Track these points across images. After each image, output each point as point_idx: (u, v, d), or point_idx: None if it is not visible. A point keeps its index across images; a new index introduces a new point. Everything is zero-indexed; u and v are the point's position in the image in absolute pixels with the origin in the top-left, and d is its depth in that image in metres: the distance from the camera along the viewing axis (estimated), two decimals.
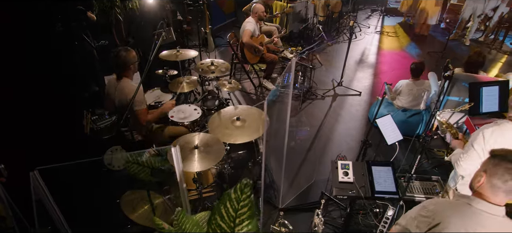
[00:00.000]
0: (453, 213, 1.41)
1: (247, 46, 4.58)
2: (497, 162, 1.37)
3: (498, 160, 1.37)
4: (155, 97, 3.72)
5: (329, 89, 5.11)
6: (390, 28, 7.59)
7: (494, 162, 1.39)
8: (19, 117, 3.35)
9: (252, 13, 4.72)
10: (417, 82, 3.96)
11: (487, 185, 1.39)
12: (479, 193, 1.42)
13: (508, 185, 1.33)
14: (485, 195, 1.39)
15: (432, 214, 1.43)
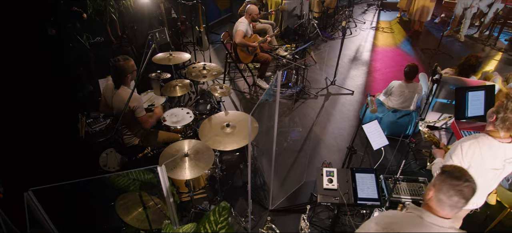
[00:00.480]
0: (407, 225, 1.52)
1: (240, 46, 4.61)
2: (443, 178, 1.49)
3: (445, 176, 1.49)
4: (148, 100, 3.79)
5: (322, 88, 5.17)
6: (385, 24, 7.59)
7: (441, 178, 1.51)
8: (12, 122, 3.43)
9: (246, 14, 4.74)
10: (410, 84, 4.02)
11: (435, 199, 1.51)
12: (429, 206, 1.54)
13: (452, 200, 1.45)
14: (434, 208, 1.52)
15: (389, 225, 1.53)
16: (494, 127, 2.05)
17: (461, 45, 6.68)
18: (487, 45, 6.62)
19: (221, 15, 7.25)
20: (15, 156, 3.20)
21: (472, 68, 3.86)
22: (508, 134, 2.05)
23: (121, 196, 2.91)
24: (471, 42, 6.82)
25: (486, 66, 5.93)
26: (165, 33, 4.71)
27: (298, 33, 6.44)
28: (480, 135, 2.12)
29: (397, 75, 5.55)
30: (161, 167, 1.68)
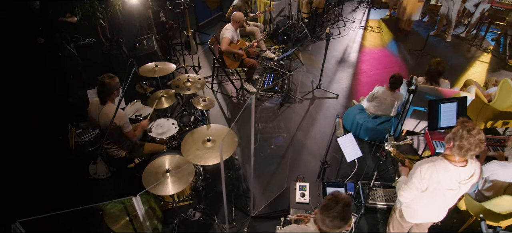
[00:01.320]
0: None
1: (226, 53, 4.71)
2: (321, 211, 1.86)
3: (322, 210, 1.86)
4: (135, 110, 3.91)
5: (307, 91, 5.29)
6: (374, 23, 7.65)
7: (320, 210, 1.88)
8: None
9: (232, 20, 4.82)
10: (393, 93, 4.16)
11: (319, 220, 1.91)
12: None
13: None
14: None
15: None
16: (451, 152, 2.21)
17: (448, 45, 6.79)
18: (473, 45, 6.73)
19: (212, 14, 7.29)
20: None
21: (438, 73, 3.98)
22: (463, 159, 2.21)
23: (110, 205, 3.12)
24: (458, 41, 6.92)
25: (471, 67, 6.07)
26: (153, 40, 4.79)
27: (287, 34, 6.51)
28: (437, 159, 2.28)
29: (383, 77, 5.68)
30: (136, 197, 1.83)
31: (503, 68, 6.03)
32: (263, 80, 5.41)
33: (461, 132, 2.11)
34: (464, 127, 2.12)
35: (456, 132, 2.15)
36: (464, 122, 2.14)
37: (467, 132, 2.08)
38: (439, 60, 4.01)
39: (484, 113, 4.30)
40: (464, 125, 2.12)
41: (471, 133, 2.08)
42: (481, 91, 4.45)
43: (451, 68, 6.03)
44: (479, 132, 2.10)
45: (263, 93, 5.22)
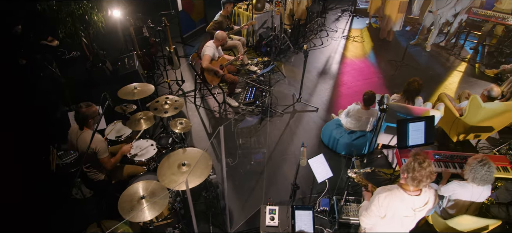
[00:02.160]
0: None
1: (206, 70, 4.81)
2: None
3: None
4: (116, 131, 4.00)
5: (288, 105, 5.41)
6: (357, 32, 7.78)
7: None
8: None
9: (215, 39, 4.92)
10: (367, 110, 4.29)
11: None
12: None
13: None
14: None
15: None
16: (406, 182, 2.35)
17: (427, 55, 6.96)
18: (452, 55, 6.91)
19: (196, 26, 7.36)
20: None
21: (415, 92, 4.14)
22: (417, 188, 2.35)
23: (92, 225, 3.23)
24: (437, 51, 7.09)
25: (449, 77, 6.24)
26: (134, 58, 4.87)
27: (270, 45, 6.62)
28: (394, 188, 2.42)
29: (362, 89, 5.77)
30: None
31: (479, 78, 6.21)
32: (245, 94, 5.52)
33: (413, 165, 2.25)
34: (416, 159, 2.25)
35: (408, 165, 2.28)
36: (416, 155, 2.28)
37: (419, 165, 2.22)
38: (418, 79, 4.14)
39: (456, 127, 4.46)
40: (416, 157, 2.26)
41: (422, 165, 2.22)
42: (454, 105, 4.61)
43: (430, 78, 6.21)
44: (429, 164, 2.24)
45: (245, 107, 5.33)
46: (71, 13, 4.87)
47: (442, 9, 6.38)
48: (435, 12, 6.46)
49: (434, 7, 6.45)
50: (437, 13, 6.44)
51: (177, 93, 5.69)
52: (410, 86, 4.15)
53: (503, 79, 6.01)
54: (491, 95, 4.13)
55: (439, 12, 6.41)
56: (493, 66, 6.46)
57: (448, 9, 6.43)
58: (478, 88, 5.93)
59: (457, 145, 4.71)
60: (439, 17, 6.50)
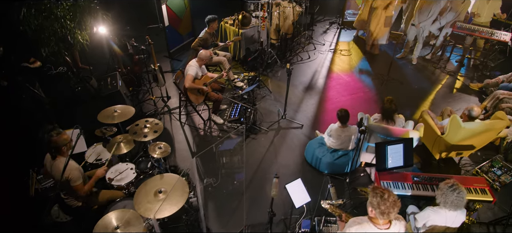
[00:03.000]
0: None
1: (189, 89, 4.81)
2: None
3: None
4: (96, 154, 3.98)
5: (273, 121, 5.42)
6: (344, 45, 7.82)
7: None
8: None
9: (198, 58, 4.92)
10: (345, 128, 4.31)
11: None
12: None
13: None
14: None
15: None
16: (375, 216, 2.36)
17: (413, 68, 7.01)
18: (438, 68, 6.96)
19: (183, 40, 7.36)
20: None
21: (391, 111, 4.16)
22: (387, 220, 2.36)
23: None
24: (423, 64, 7.15)
25: (434, 91, 6.28)
26: (117, 78, 4.86)
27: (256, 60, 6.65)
28: (364, 221, 2.43)
29: (347, 104, 5.85)
30: None
31: (464, 92, 6.26)
32: (230, 111, 5.52)
33: (376, 200, 2.27)
34: (376, 194, 2.27)
35: (372, 201, 2.30)
36: (375, 189, 2.30)
37: (381, 198, 2.24)
38: (391, 99, 4.18)
39: (438, 145, 4.48)
40: (375, 192, 2.28)
41: (384, 198, 2.25)
42: (436, 123, 4.64)
43: (415, 92, 6.25)
44: (390, 194, 2.27)
45: (230, 124, 5.33)
46: (54, 32, 4.85)
47: (424, 23, 6.47)
48: (417, 26, 6.54)
49: (416, 21, 6.53)
50: (419, 27, 6.52)
51: (163, 109, 5.68)
52: (384, 106, 4.18)
53: (487, 93, 6.08)
54: (472, 114, 4.15)
55: (421, 25, 6.49)
56: (478, 79, 6.53)
57: (429, 23, 6.51)
58: (463, 102, 5.98)
59: (440, 162, 4.74)
60: (422, 30, 6.58)
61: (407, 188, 3.62)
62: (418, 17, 6.50)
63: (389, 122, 4.25)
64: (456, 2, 6.54)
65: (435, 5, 6.25)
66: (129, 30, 7.98)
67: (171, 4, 6.63)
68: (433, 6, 6.26)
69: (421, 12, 6.44)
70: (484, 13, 6.42)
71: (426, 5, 6.34)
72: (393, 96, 5.88)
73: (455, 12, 6.58)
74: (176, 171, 4.46)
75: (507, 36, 6.06)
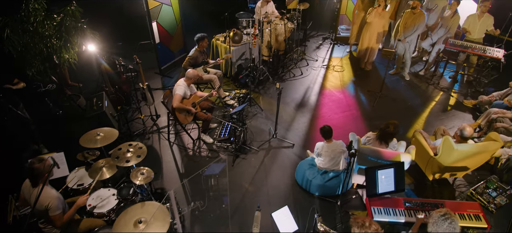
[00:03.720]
0: None
1: (178, 110, 4.71)
2: None
3: None
4: (78, 179, 3.84)
5: (264, 140, 5.31)
6: (337, 61, 7.77)
7: None
8: None
9: (185, 77, 4.84)
10: (330, 143, 4.21)
11: None
12: None
13: None
14: None
15: None
16: None
17: (406, 84, 6.95)
18: (431, 84, 6.91)
19: (175, 57, 7.30)
20: None
21: (390, 135, 4.08)
22: None
23: None
24: (417, 80, 7.10)
25: (427, 108, 6.21)
26: (103, 98, 4.77)
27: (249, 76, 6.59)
28: None
29: (339, 122, 5.76)
30: None
31: (458, 109, 6.19)
32: (220, 130, 5.42)
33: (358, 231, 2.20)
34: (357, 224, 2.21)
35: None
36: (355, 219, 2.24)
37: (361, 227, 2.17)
38: (396, 124, 4.07)
39: (431, 166, 4.38)
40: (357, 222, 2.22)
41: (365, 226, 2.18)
42: (428, 143, 4.55)
43: (408, 110, 6.18)
44: (371, 222, 2.21)
45: (219, 143, 5.21)
46: (40, 52, 4.77)
47: (410, 37, 6.44)
48: (403, 40, 6.50)
49: (402, 36, 6.50)
50: (406, 41, 6.48)
51: (151, 129, 5.57)
52: (385, 130, 4.08)
53: (481, 110, 6.01)
54: (464, 135, 4.07)
55: (407, 40, 6.46)
56: (472, 96, 6.46)
57: (415, 37, 6.49)
58: (456, 120, 5.90)
59: (434, 183, 4.63)
60: (408, 45, 6.54)
61: (399, 215, 3.50)
62: (403, 32, 6.48)
63: (382, 143, 4.16)
64: (446, 17, 6.55)
65: (419, 20, 6.24)
66: (121, 46, 8.01)
67: (162, 21, 6.59)
68: (417, 22, 6.26)
69: (406, 27, 6.43)
70: (476, 30, 6.39)
71: (410, 20, 6.33)
72: (386, 113, 5.99)
73: (445, 27, 6.57)
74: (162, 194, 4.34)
75: (499, 53, 6.02)
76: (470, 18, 6.48)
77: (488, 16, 6.28)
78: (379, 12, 6.54)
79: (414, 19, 6.31)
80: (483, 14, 6.27)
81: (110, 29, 7.68)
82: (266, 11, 6.65)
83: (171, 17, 6.81)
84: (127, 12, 7.41)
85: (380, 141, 4.17)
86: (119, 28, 7.86)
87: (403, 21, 6.51)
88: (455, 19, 6.45)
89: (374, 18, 6.60)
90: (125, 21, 7.65)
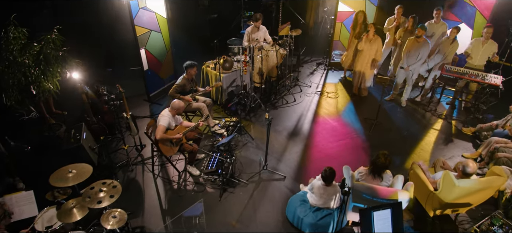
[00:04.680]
0: None
1: (161, 141, 4.45)
2: None
3: None
4: (48, 220, 3.52)
5: (254, 172, 5.02)
6: (331, 87, 7.57)
7: None
8: None
9: (170, 107, 4.62)
10: (329, 187, 3.92)
11: None
12: None
13: None
14: None
15: None
16: None
17: (402, 111, 6.73)
18: (428, 111, 6.70)
19: (164, 83, 7.11)
20: None
21: (383, 167, 3.81)
22: None
23: None
24: (413, 107, 6.88)
25: (425, 136, 5.96)
26: (82, 130, 4.51)
27: (241, 103, 6.38)
28: None
29: (334, 152, 5.50)
30: None
31: (457, 137, 5.95)
32: (208, 161, 5.13)
33: None
34: None
35: None
36: None
37: None
38: (387, 154, 3.82)
39: (432, 201, 4.08)
40: None
41: None
42: (427, 176, 4.27)
43: (405, 137, 5.93)
44: None
45: (206, 176, 4.92)
46: (18, 81, 4.56)
47: (414, 66, 6.26)
48: (406, 69, 6.33)
49: (405, 64, 6.33)
50: (409, 70, 6.31)
51: (136, 160, 5.28)
52: (376, 161, 3.83)
53: (481, 138, 5.77)
54: (466, 171, 3.79)
55: (410, 68, 6.28)
56: (471, 123, 6.23)
57: (419, 65, 6.31)
58: (455, 148, 5.64)
59: (435, 219, 4.31)
60: (411, 73, 6.37)
61: None
62: (406, 60, 6.31)
63: (375, 177, 3.89)
64: (444, 44, 6.41)
65: (423, 48, 6.08)
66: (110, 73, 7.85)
67: (151, 47, 6.43)
68: (421, 49, 6.09)
69: (409, 55, 6.25)
70: (478, 57, 6.21)
71: (414, 48, 6.16)
72: (382, 142, 5.72)
73: (442, 54, 6.43)
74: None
75: (497, 79, 5.84)
76: (474, 43, 6.29)
77: (493, 43, 6.09)
78: (370, 38, 6.41)
79: (417, 48, 6.12)
80: (487, 40, 6.10)
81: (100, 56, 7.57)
82: (257, 38, 6.50)
83: (160, 43, 6.66)
84: (117, 38, 7.27)
85: (373, 175, 3.90)
86: (109, 55, 7.74)
87: (406, 49, 6.31)
88: (454, 46, 6.30)
89: (364, 44, 6.47)
90: (116, 47, 7.52)
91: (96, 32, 7.26)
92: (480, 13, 6.91)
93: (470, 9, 7.01)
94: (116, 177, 4.89)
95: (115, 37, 7.27)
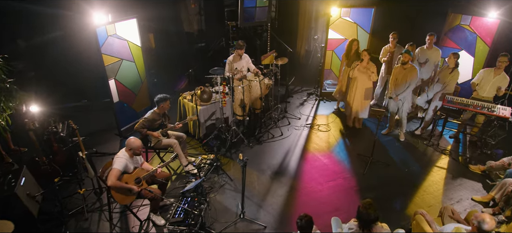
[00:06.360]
0: None
1: (114, 189, 3.76)
2: None
3: None
4: None
5: (230, 222, 4.28)
6: (323, 119, 6.92)
7: None
8: None
9: (126, 147, 3.97)
10: None
11: None
12: None
13: None
14: None
15: None
16: None
17: (401, 146, 6.05)
18: (430, 145, 6.02)
19: (139, 117, 6.47)
20: None
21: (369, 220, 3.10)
22: None
23: None
24: (412, 140, 6.21)
25: (428, 176, 5.23)
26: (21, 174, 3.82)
27: (221, 138, 5.72)
28: None
29: (323, 194, 4.79)
30: None
31: (464, 176, 5.22)
32: (176, 207, 4.39)
33: None
34: None
35: None
36: None
37: None
38: (369, 203, 3.13)
39: None
40: None
41: None
42: (434, 229, 3.54)
43: (406, 177, 5.22)
44: None
45: (172, 227, 4.16)
46: None
47: (403, 94, 5.67)
48: (395, 98, 5.74)
49: (393, 94, 5.75)
50: (398, 99, 5.71)
51: (93, 206, 4.56)
52: (361, 212, 3.13)
53: (492, 177, 5.07)
54: (483, 228, 3.05)
55: (400, 97, 5.69)
56: (478, 159, 5.53)
57: (409, 93, 5.73)
58: (463, 190, 4.91)
59: None
60: (401, 103, 5.77)
61: None
62: (394, 90, 5.75)
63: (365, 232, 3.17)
64: (443, 73, 5.84)
65: (411, 74, 5.53)
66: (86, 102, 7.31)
67: (122, 78, 5.86)
68: (408, 76, 5.55)
69: (397, 84, 5.71)
70: (487, 88, 5.59)
71: (401, 76, 5.63)
72: (378, 182, 5.01)
73: (442, 83, 5.84)
74: None
75: (506, 110, 5.21)
76: (484, 74, 5.66)
77: (505, 76, 5.45)
78: (364, 65, 5.87)
79: (404, 75, 5.59)
80: (500, 71, 5.47)
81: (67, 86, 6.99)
82: (238, 67, 5.93)
83: (133, 74, 6.10)
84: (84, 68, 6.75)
85: (363, 228, 3.19)
86: (82, 86, 7.20)
87: (393, 78, 5.81)
88: (454, 76, 5.69)
89: (357, 73, 5.92)
90: (84, 78, 6.99)
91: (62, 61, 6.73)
92: (481, 40, 6.40)
93: (470, 35, 6.51)
94: (65, 229, 4.16)
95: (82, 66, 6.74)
